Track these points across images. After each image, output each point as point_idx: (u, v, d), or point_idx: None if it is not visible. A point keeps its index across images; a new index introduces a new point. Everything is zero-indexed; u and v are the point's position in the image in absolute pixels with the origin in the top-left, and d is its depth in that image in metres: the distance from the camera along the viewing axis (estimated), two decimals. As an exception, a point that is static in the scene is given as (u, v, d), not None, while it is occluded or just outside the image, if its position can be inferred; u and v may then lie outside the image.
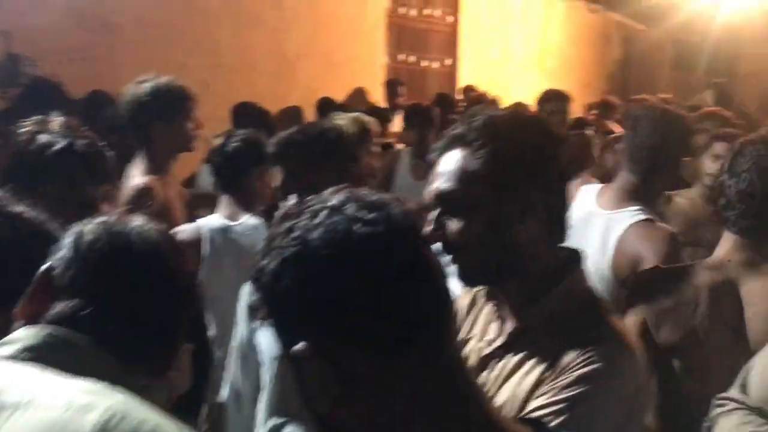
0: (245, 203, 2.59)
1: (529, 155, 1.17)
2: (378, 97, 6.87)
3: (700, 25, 13.27)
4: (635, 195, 2.30)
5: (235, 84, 5.51)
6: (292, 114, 4.88)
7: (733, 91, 14.93)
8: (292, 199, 1.75)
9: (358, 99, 6.77)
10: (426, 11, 7.99)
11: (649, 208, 2.31)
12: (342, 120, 2.77)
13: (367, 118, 3.04)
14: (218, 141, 2.61)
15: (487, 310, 1.29)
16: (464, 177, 1.17)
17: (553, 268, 1.20)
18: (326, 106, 5.75)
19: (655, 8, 11.76)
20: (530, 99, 9.81)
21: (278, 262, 0.79)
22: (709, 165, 3.18)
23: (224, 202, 2.61)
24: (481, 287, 1.31)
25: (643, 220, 2.25)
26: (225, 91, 4.92)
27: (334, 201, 0.81)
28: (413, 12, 7.82)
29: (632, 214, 2.26)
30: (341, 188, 0.85)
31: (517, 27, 9.40)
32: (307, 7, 6.26)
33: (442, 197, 1.19)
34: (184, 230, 2.47)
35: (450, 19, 8.36)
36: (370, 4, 6.98)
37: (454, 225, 1.17)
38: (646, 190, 2.33)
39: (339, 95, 6.53)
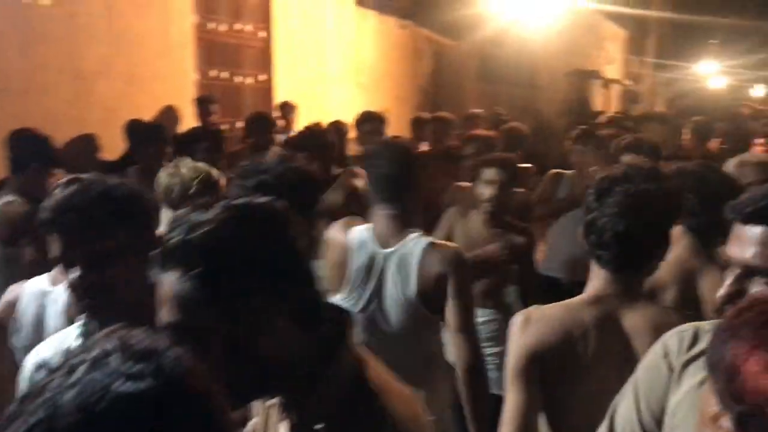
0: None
1: (249, 262, 1.05)
2: (189, 115, 6.59)
3: (504, 40, 14.18)
4: (406, 224, 2.41)
5: (26, 108, 5.03)
6: (83, 145, 4.46)
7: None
8: (75, 273, 1.46)
9: (167, 118, 6.46)
10: (237, 26, 7.81)
11: (423, 232, 2.44)
12: (184, 168, 2.57)
13: (213, 171, 2.78)
14: None
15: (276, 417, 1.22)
16: (182, 306, 1.05)
17: (317, 355, 1.12)
18: (135, 129, 5.41)
19: (461, 23, 12.39)
20: (346, 113, 9.99)
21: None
22: (482, 191, 3.34)
23: None
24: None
25: (430, 242, 2.36)
26: (13, 117, 4.44)
27: (97, 351, 0.69)
28: (223, 27, 7.60)
29: (417, 241, 2.36)
30: (115, 330, 0.74)
31: (331, 42, 9.47)
32: (104, 22, 5.86)
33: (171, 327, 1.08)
34: None
35: (262, 34, 8.23)
36: (176, 19, 6.69)
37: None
38: (411, 218, 2.45)
39: (145, 115, 6.18)
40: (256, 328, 1.05)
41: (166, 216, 2.41)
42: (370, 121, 5.17)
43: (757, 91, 41.59)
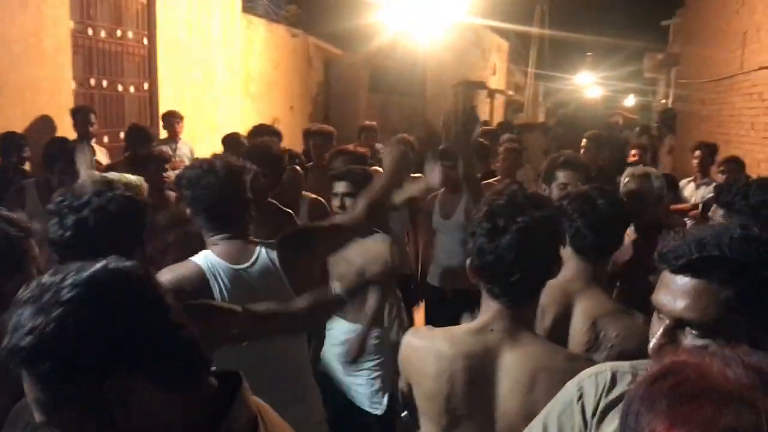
0: None
1: (98, 347, 0.97)
2: (67, 125, 6.23)
3: (395, 51, 14.37)
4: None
5: None
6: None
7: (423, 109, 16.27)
8: None
9: (43, 129, 6.08)
10: (118, 33, 7.47)
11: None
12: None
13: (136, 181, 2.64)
14: None
15: None
16: (43, 407, 0.99)
17: (203, 417, 1.05)
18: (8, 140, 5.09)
19: (353, 33, 12.44)
20: (235, 123, 9.79)
21: None
22: (333, 202, 3.51)
23: None
24: None
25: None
26: None
27: None
28: (103, 33, 7.25)
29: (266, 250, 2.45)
30: None
31: (217, 50, 9.24)
32: (-31, 26, 5.45)
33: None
34: None
35: (145, 41, 7.92)
36: (50, 24, 6.30)
37: None
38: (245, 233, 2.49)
39: (17, 126, 5.80)
40: (124, 406, 0.98)
41: None
42: (264, 135, 5.01)
43: (629, 101, 44.29)
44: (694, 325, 1.20)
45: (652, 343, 1.24)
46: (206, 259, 2.29)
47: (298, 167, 4.56)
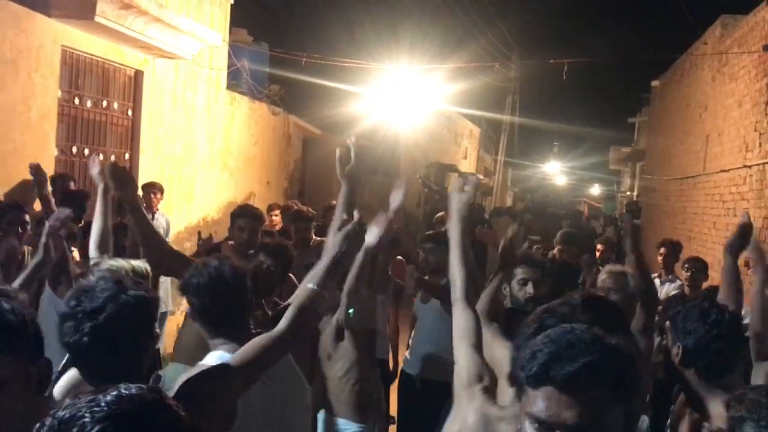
0: None
1: None
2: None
3: (371, 132, 14.74)
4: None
5: None
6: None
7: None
8: None
9: (24, 194, 6.09)
10: (104, 103, 7.59)
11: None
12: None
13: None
14: None
15: None
16: None
17: None
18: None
19: (331, 115, 12.77)
20: (213, 196, 9.86)
21: None
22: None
23: None
24: None
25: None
26: None
27: None
28: (89, 103, 7.37)
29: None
30: None
31: (200, 124, 9.40)
32: (-41, 91, 5.52)
33: None
34: None
35: (129, 112, 8.05)
36: (39, 92, 6.40)
37: None
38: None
39: (0, 190, 5.83)
40: None
41: None
42: (245, 217, 4.96)
43: (594, 190, 45.48)
44: (585, 430, 1.32)
45: None
46: (220, 359, 2.31)
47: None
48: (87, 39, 7.01)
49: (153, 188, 7.47)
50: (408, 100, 13.57)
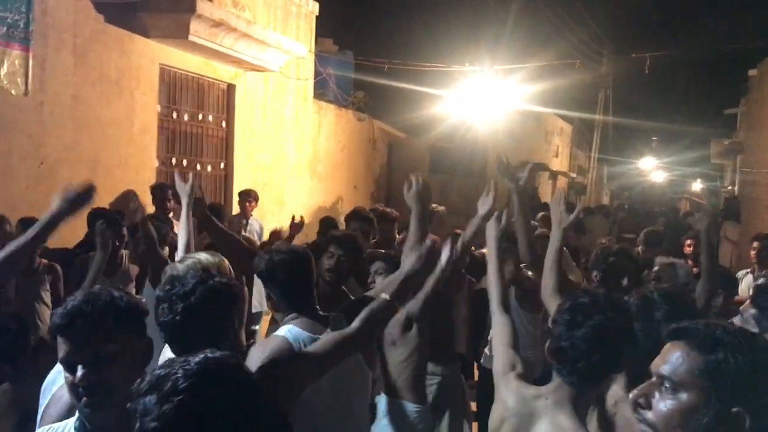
0: None
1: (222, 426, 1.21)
2: (148, 201, 6.75)
3: (455, 134, 14.82)
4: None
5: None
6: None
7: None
8: (78, 373, 1.62)
9: (126, 202, 6.61)
10: (199, 116, 8.09)
11: None
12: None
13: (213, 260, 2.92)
14: None
15: None
16: None
17: None
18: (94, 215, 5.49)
19: (415, 118, 12.96)
20: (303, 201, 10.23)
21: None
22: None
23: None
24: None
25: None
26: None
27: None
28: (186, 117, 7.87)
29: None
30: None
31: (289, 133, 9.81)
32: (69, 110, 6.06)
33: None
34: None
35: (223, 124, 8.52)
36: (139, 108, 6.92)
37: None
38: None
39: (106, 200, 6.33)
40: None
41: None
42: (358, 220, 5.37)
43: (696, 185, 43.61)
44: (667, 380, 1.41)
45: (634, 392, 1.46)
46: (290, 332, 2.55)
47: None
48: (182, 57, 7.50)
49: (248, 196, 7.85)
50: (490, 100, 13.57)
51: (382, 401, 3.59)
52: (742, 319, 2.37)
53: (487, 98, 13.37)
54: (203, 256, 2.78)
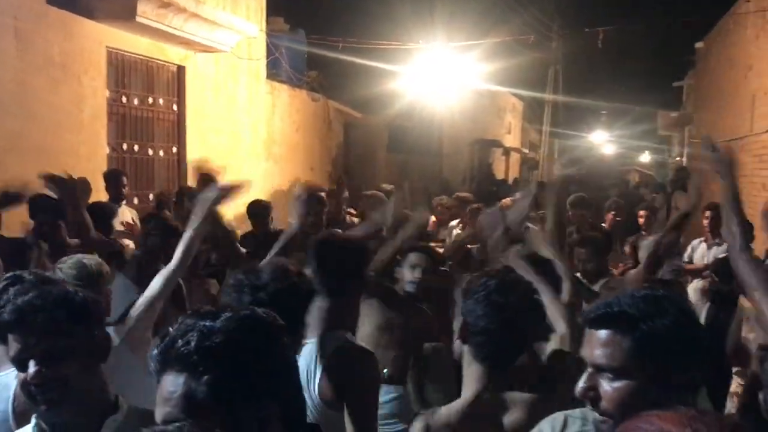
0: None
1: (255, 371, 1.19)
2: (101, 188, 6.56)
3: (412, 112, 14.80)
4: (336, 319, 2.40)
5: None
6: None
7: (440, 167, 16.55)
8: (31, 370, 1.54)
9: (79, 190, 6.39)
10: (149, 100, 7.87)
11: (347, 331, 2.45)
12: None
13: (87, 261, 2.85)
14: None
15: None
16: (189, 406, 1.15)
17: None
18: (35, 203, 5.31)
19: (371, 97, 12.87)
20: (259, 184, 10.09)
21: None
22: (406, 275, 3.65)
23: None
24: None
25: (348, 344, 2.39)
26: None
27: None
28: (136, 101, 7.66)
29: (336, 339, 2.37)
30: None
31: (242, 115, 9.64)
32: (15, 98, 5.82)
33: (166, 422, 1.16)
34: None
35: (175, 107, 8.32)
36: (88, 93, 6.70)
37: None
38: (345, 313, 2.46)
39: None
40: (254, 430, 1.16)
41: None
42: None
43: (644, 158, 44.56)
44: (607, 369, 1.43)
45: (578, 387, 1.46)
46: None
47: None
48: (130, 39, 7.28)
49: (210, 179, 7.69)
50: (446, 77, 13.56)
51: None
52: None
53: (442, 75, 13.36)
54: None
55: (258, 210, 6.17)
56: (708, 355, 1.48)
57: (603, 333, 1.44)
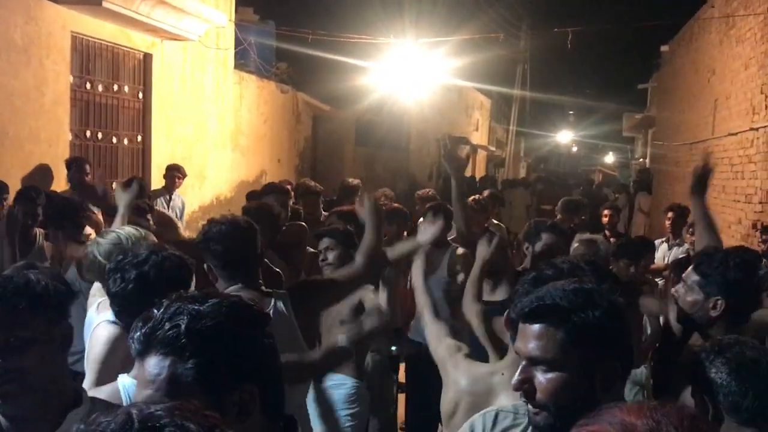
0: None
1: (240, 355, 1.21)
2: (63, 175, 6.44)
3: (380, 107, 14.79)
4: None
5: None
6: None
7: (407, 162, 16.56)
8: None
9: (41, 178, 6.27)
10: (114, 87, 7.73)
11: None
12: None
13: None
14: None
15: None
16: (173, 389, 1.17)
17: None
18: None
19: (340, 91, 12.82)
20: (225, 175, 10.00)
21: None
22: None
23: None
24: None
25: None
26: None
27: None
28: (100, 87, 7.51)
29: None
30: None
31: (209, 105, 9.52)
32: (-26, 80, 5.68)
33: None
34: None
35: (140, 95, 8.18)
36: (51, 78, 6.55)
37: None
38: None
39: (16, 175, 6.00)
40: (236, 417, 1.17)
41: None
42: (275, 194, 5.25)
43: (608, 158, 45.26)
44: (541, 362, 1.46)
45: (513, 380, 1.49)
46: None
47: (303, 224, 4.83)
48: (96, 24, 7.13)
49: (177, 171, 7.61)
50: (415, 73, 13.57)
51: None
52: (686, 286, 2.43)
53: (411, 71, 13.36)
54: (126, 229, 2.65)
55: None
56: (630, 346, 1.53)
57: (537, 326, 1.47)
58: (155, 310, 1.22)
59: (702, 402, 1.75)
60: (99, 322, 2.38)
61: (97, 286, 2.69)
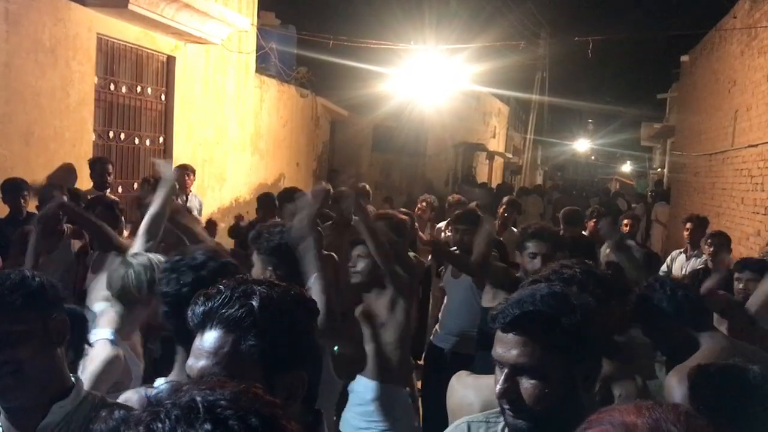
0: None
1: (294, 338, 1.27)
2: (86, 174, 6.53)
3: (398, 112, 14.83)
4: None
5: None
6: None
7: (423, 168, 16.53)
8: None
9: (64, 176, 6.36)
10: (138, 89, 7.83)
11: None
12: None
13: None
14: None
15: None
16: (233, 364, 1.22)
17: None
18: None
19: (359, 96, 12.88)
20: (244, 177, 10.07)
21: None
22: None
23: None
24: None
25: None
26: None
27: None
28: (124, 89, 7.61)
29: None
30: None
31: (230, 108, 9.61)
32: (2, 80, 5.77)
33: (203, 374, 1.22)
34: None
35: (162, 97, 8.28)
36: (76, 78, 6.65)
37: None
38: None
39: (41, 174, 6.10)
40: (284, 401, 1.19)
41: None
42: (292, 197, 5.27)
43: (626, 167, 45.03)
44: (526, 369, 1.47)
45: (497, 389, 1.50)
46: None
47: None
48: (121, 26, 7.23)
49: (186, 170, 7.68)
50: (434, 80, 13.60)
51: (363, 385, 3.49)
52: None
53: (431, 77, 13.39)
54: (154, 256, 2.69)
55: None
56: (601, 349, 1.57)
57: (519, 333, 1.48)
58: (221, 287, 1.28)
59: None
60: (98, 339, 2.42)
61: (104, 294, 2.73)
